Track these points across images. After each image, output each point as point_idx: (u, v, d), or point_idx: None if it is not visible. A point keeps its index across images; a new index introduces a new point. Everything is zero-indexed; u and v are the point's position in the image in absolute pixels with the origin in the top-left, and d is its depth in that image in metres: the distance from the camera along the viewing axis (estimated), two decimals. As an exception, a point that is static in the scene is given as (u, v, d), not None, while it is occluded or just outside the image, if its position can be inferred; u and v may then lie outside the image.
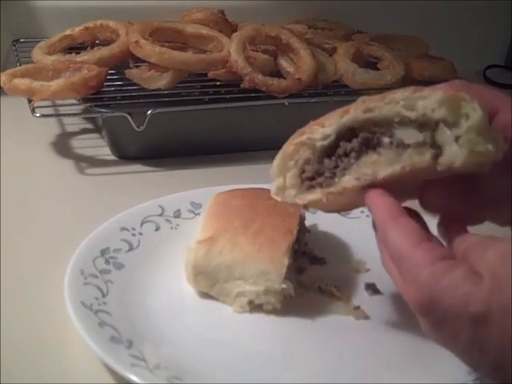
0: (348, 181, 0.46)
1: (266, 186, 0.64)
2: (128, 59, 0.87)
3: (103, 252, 0.59)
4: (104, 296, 0.54)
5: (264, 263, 0.55)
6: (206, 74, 0.87)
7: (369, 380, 0.50)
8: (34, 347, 0.51)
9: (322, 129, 0.47)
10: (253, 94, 0.84)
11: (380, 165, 0.45)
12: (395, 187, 0.46)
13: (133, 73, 0.85)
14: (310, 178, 0.48)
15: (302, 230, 0.63)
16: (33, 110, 0.78)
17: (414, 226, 0.43)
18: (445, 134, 0.44)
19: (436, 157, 0.44)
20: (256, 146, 0.86)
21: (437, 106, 0.44)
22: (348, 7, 1.20)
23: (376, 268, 0.62)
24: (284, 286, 0.54)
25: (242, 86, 0.83)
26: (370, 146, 0.46)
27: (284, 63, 0.89)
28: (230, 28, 0.94)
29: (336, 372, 0.50)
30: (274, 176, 0.49)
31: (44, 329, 0.53)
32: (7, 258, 0.61)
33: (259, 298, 0.55)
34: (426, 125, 0.44)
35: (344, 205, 0.51)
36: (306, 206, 0.49)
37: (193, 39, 0.90)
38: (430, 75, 0.95)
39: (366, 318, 0.56)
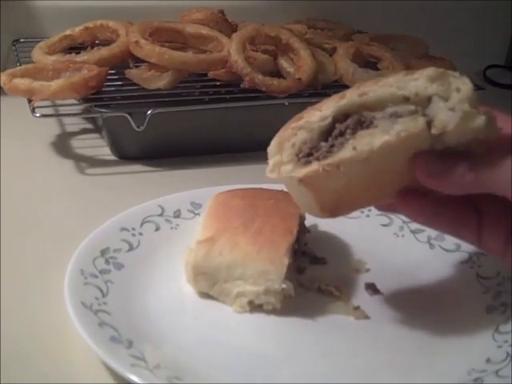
0: (345, 152, 0.46)
1: (266, 186, 0.64)
2: (128, 59, 0.87)
3: (103, 252, 0.59)
4: (104, 296, 0.54)
5: (264, 263, 0.55)
6: (205, 74, 0.87)
7: (369, 380, 0.50)
8: (34, 347, 0.51)
9: (320, 112, 0.48)
10: (253, 94, 0.84)
11: (376, 135, 0.46)
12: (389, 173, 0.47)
13: (133, 73, 0.85)
14: (307, 155, 0.47)
15: (302, 230, 0.63)
16: (33, 110, 0.78)
17: None
18: (437, 106, 0.45)
19: (429, 124, 0.45)
20: (256, 146, 0.85)
21: (428, 83, 0.46)
22: (348, 7, 1.20)
23: (376, 268, 0.62)
24: (284, 286, 0.54)
25: (241, 86, 0.83)
26: (365, 125, 0.47)
27: (284, 63, 0.89)
28: (230, 28, 0.94)
29: (336, 372, 0.50)
30: (272, 155, 0.49)
31: (44, 329, 0.53)
32: (7, 258, 0.61)
33: (259, 298, 0.55)
34: (419, 103, 0.46)
35: (340, 197, 0.49)
36: (301, 181, 0.47)
37: (193, 39, 0.90)
38: (430, 75, 0.95)
39: (366, 317, 0.56)
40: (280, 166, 0.48)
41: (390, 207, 0.53)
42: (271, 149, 0.49)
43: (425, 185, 0.47)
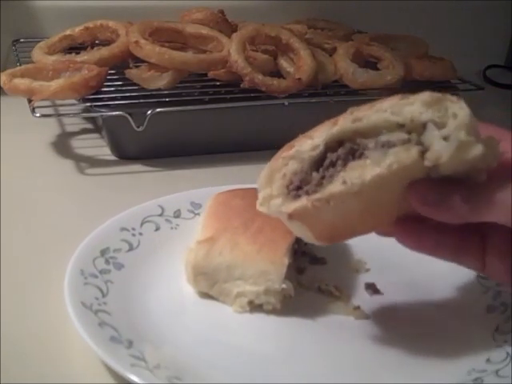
0: (334, 186, 0.45)
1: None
2: (128, 59, 0.87)
3: (103, 252, 0.59)
4: (104, 296, 0.54)
5: (264, 263, 0.55)
6: (205, 74, 0.87)
7: (369, 380, 0.50)
8: (34, 347, 0.51)
9: (311, 140, 0.46)
10: (253, 94, 0.84)
11: (367, 167, 0.44)
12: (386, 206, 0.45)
13: (133, 73, 0.85)
14: (296, 188, 0.46)
15: (302, 230, 0.63)
16: (33, 110, 0.78)
17: None
18: (432, 134, 0.43)
19: (423, 154, 0.43)
20: (256, 146, 0.86)
21: (424, 108, 0.44)
22: (348, 7, 1.20)
23: (376, 268, 0.62)
24: (284, 286, 0.54)
25: (242, 86, 0.83)
26: (356, 155, 0.45)
27: (284, 63, 0.89)
28: (230, 28, 0.94)
29: (336, 372, 0.50)
30: (261, 187, 0.48)
31: (44, 329, 0.53)
32: (7, 258, 0.61)
33: (259, 298, 0.55)
34: (413, 130, 0.44)
35: (334, 226, 0.48)
36: (291, 217, 0.46)
37: (193, 39, 0.90)
38: (430, 75, 0.95)
39: (366, 317, 0.56)
40: (270, 199, 0.47)
41: (390, 233, 0.51)
42: (261, 181, 0.47)
43: (422, 213, 0.46)
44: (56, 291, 0.54)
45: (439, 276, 0.60)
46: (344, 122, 0.45)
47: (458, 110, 0.43)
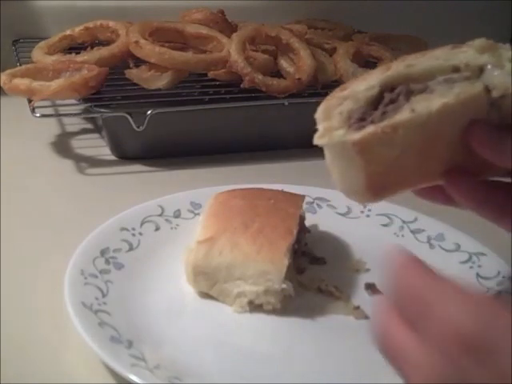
0: (403, 114, 0.43)
1: (265, 186, 0.64)
2: (128, 59, 0.87)
3: (103, 252, 0.59)
4: (104, 296, 0.54)
5: (264, 263, 0.55)
6: (205, 74, 0.87)
7: (369, 380, 0.50)
8: (34, 347, 0.51)
9: (366, 81, 0.45)
10: (253, 94, 0.84)
11: (433, 99, 0.43)
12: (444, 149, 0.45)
13: (133, 73, 0.85)
14: (358, 120, 0.44)
15: (302, 230, 0.63)
16: (33, 110, 0.78)
17: None
18: (493, 73, 0.43)
19: (487, 89, 0.43)
20: (256, 146, 0.86)
21: (478, 54, 0.44)
22: (348, 7, 1.20)
23: (376, 268, 0.62)
24: (284, 286, 0.54)
25: (242, 85, 0.83)
26: (418, 91, 0.44)
27: (284, 63, 0.89)
28: (230, 28, 0.94)
29: (336, 372, 0.50)
30: (320, 121, 0.45)
31: (44, 329, 0.53)
32: (7, 258, 0.61)
33: (259, 298, 0.55)
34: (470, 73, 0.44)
35: (389, 172, 0.45)
36: (356, 146, 0.43)
37: (193, 39, 0.90)
38: (429, 75, 0.95)
39: (366, 318, 0.56)
40: (331, 131, 0.44)
41: (433, 193, 0.49)
42: (319, 115, 0.45)
43: (478, 153, 0.44)
44: (56, 291, 0.54)
45: (439, 276, 0.60)
46: (397, 67, 0.45)
47: None
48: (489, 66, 0.44)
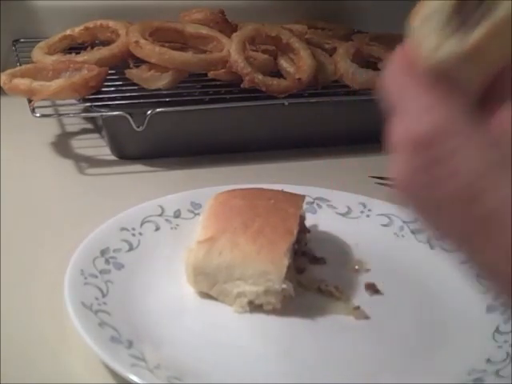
0: (504, 7, 0.35)
1: (265, 186, 0.64)
2: (128, 59, 0.87)
3: (103, 252, 0.59)
4: (104, 296, 0.54)
5: (264, 263, 0.55)
6: (205, 74, 0.87)
7: (369, 380, 0.50)
8: (34, 347, 0.51)
9: None
10: (253, 94, 0.84)
11: None
12: None
13: (133, 73, 0.85)
14: (459, 25, 0.37)
15: (302, 230, 0.63)
16: (33, 110, 0.78)
17: None
18: None
19: None
20: (256, 146, 0.86)
21: None
22: (348, 7, 1.20)
23: (376, 268, 0.62)
24: (284, 286, 0.54)
25: (242, 85, 0.83)
26: None
27: (284, 63, 0.89)
28: (230, 28, 0.94)
29: (336, 372, 0.50)
30: (418, 39, 0.38)
31: (44, 329, 0.53)
32: (7, 258, 0.61)
33: (259, 299, 0.55)
34: None
35: None
36: (472, 50, 0.37)
37: (193, 39, 0.90)
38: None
39: (366, 318, 0.56)
40: (437, 48, 0.37)
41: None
42: (414, 32, 0.38)
43: None
44: (56, 291, 0.54)
45: (439, 276, 0.60)
46: None
47: None
48: None
